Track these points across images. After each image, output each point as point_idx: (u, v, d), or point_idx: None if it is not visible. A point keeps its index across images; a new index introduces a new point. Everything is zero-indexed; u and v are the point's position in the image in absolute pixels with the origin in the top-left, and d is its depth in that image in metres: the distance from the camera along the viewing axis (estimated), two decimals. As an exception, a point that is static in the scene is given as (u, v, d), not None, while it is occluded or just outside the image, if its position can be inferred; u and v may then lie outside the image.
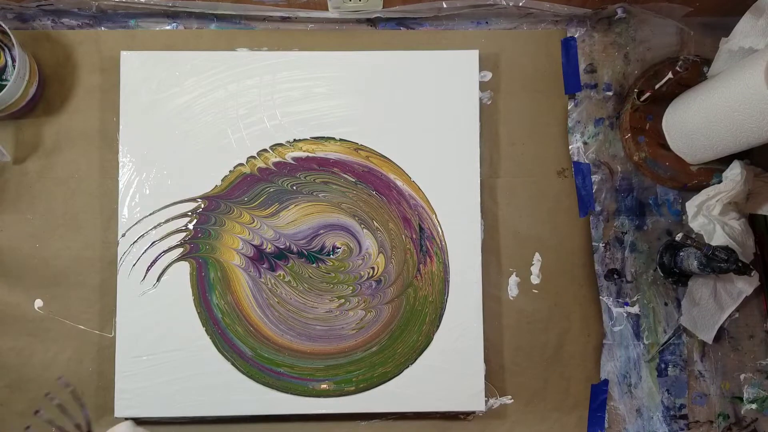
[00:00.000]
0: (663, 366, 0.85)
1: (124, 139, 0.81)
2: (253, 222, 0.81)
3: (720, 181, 0.82)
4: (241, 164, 0.82)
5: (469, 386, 0.80)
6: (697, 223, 0.83)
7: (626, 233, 0.86)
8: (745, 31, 0.74)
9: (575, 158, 0.87)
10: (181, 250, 0.80)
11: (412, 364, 0.81)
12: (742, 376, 0.86)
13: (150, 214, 0.80)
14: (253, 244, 0.81)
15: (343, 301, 0.81)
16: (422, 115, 0.83)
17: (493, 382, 0.83)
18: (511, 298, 0.84)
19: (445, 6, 0.83)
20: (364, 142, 0.82)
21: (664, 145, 0.85)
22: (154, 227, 0.80)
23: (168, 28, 0.86)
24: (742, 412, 0.86)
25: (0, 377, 0.80)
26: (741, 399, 0.86)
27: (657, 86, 0.80)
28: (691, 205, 0.84)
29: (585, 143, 0.87)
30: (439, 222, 0.82)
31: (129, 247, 0.80)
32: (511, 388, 0.84)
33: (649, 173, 0.86)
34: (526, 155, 0.85)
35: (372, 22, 0.87)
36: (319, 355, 0.81)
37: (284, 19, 0.86)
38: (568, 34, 0.87)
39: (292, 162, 0.82)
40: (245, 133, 0.82)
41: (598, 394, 0.84)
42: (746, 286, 0.83)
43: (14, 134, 0.83)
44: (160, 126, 0.81)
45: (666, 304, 0.86)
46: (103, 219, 0.82)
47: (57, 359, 0.80)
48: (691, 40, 0.88)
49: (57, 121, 0.83)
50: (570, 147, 0.86)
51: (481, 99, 0.85)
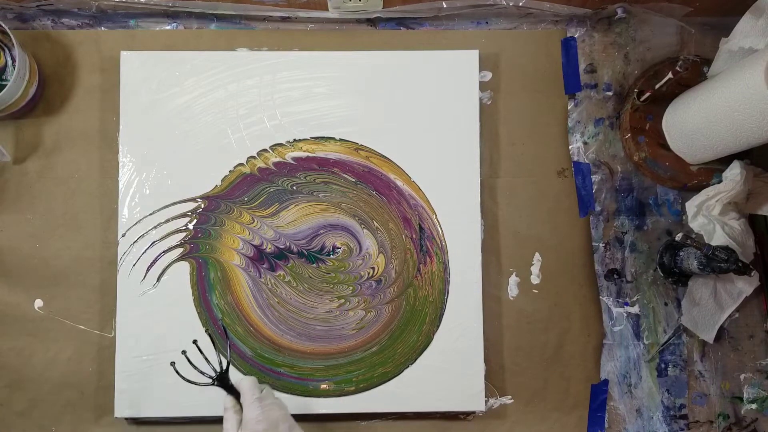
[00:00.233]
0: (663, 366, 0.85)
1: (124, 139, 0.81)
2: (253, 222, 0.81)
3: (720, 181, 0.82)
4: (241, 164, 0.82)
5: (469, 386, 0.80)
6: (697, 223, 0.83)
7: (626, 233, 0.86)
8: (745, 31, 0.74)
9: (575, 158, 0.87)
10: (181, 250, 0.80)
11: (412, 364, 0.81)
12: (742, 376, 0.86)
13: (150, 214, 0.80)
14: (253, 244, 0.81)
15: (343, 301, 0.81)
16: (422, 115, 0.83)
17: (493, 382, 0.83)
18: (511, 298, 0.84)
19: (445, 6, 0.83)
20: (364, 142, 0.82)
21: (664, 145, 0.85)
22: (154, 227, 0.80)
23: (168, 28, 0.86)
24: (742, 412, 0.86)
25: (0, 377, 0.80)
26: (741, 399, 0.86)
27: (657, 86, 0.80)
28: (691, 205, 0.84)
29: (585, 143, 0.87)
30: (439, 222, 0.82)
31: (129, 247, 0.80)
32: (511, 388, 0.84)
33: (649, 173, 0.86)
34: (526, 155, 0.85)
35: (372, 22, 0.87)
36: (319, 355, 0.81)
37: (284, 19, 0.86)
38: (568, 34, 0.87)
39: (292, 162, 0.82)
40: (245, 133, 0.82)
41: (598, 394, 0.84)
42: (746, 286, 0.83)
43: (14, 134, 0.83)
44: (160, 126, 0.81)
45: (666, 304, 0.86)
46: (103, 219, 0.82)
47: (57, 359, 0.80)
48: (691, 40, 0.88)
49: (57, 121, 0.83)
50: (570, 147, 0.86)
51: (481, 99, 0.85)
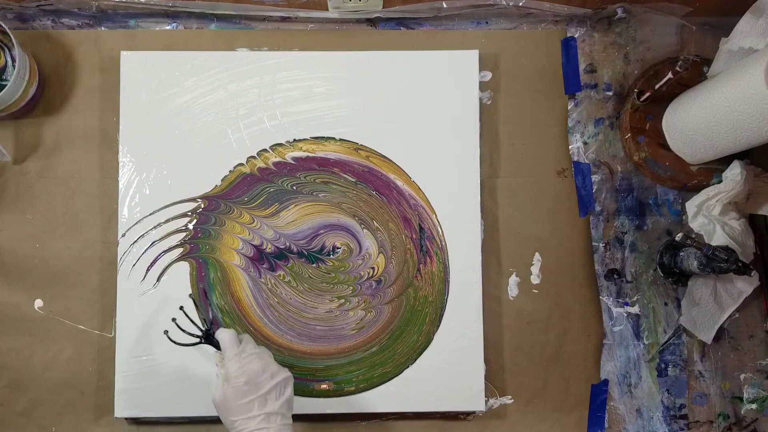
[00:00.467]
0: (663, 366, 0.85)
1: (124, 139, 0.81)
2: (253, 222, 0.81)
3: (720, 181, 0.82)
4: (241, 164, 0.82)
5: (469, 386, 0.80)
6: (697, 223, 0.83)
7: (626, 233, 0.86)
8: (745, 31, 0.74)
9: (575, 158, 0.87)
10: (181, 250, 0.80)
11: (412, 364, 0.81)
12: (742, 376, 0.86)
13: (150, 214, 0.80)
14: (253, 244, 0.81)
15: (343, 301, 0.81)
16: (422, 115, 0.83)
17: (493, 382, 0.83)
18: (511, 298, 0.84)
19: (445, 6, 0.83)
20: (364, 142, 0.82)
21: (664, 145, 0.85)
22: (154, 227, 0.80)
23: (168, 28, 0.86)
24: (742, 412, 0.86)
25: (0, 377, 0.80)
26: (741, 399, 0.86)
27: (657, 86, 0.80)
28: (691, 205, 0.84)
29: (585, 143, 0.87)
30: (439, 222, 0.82)
31: (129, 247, 0.80)
32: (511, 388, 0.84)
33: (649, 173, 0.86)
34: (526, 155, 0.85)
35: (372, 22, 0.87)
36: (319, 355, 0.81)
37: (284, 19, 0.86)
38: (568, 34, 0.87)
39: (292, 162, 0.82)
40: (245, 133, 0.82)
41: (598, 394, 0.84)
42: (746, 286, 0.83)
43: (14, 134, 0.83)
44: (160, 126, 0.81)
45: (666, 304, 0.86)
46: (103, 219, 0.82)
47: (57, 359, 0.80)
48: (691, 40, 0.88)
49: (57, 121, 0.83)
50: (570, 147, 0.86)
51: (481, 99, 0.85)
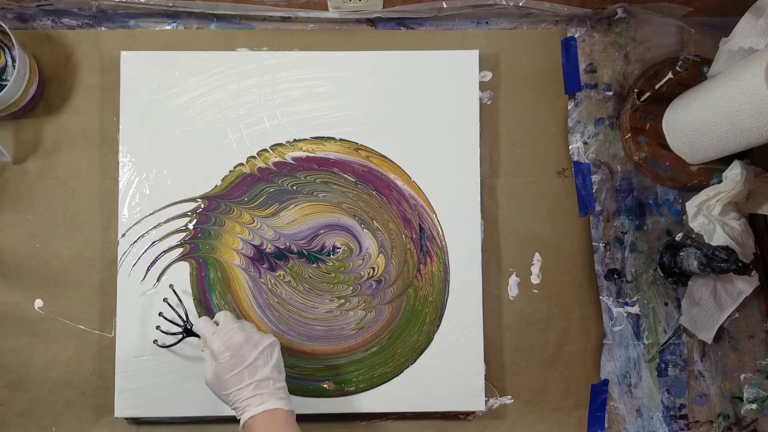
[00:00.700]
0: (663, 366, 0.85)
1: (124, 139, 0.81)
2: (253, 222, 0.81)
3: (720, 181, 0.82)
4: (241, 164, 0.82)
5: (469, 386, 0.80)
6: (697, 223, 0.83)
7: (626, 233, 0.86)
8: (745, 31, 0.74)
9: (575, 158, 0.87)
10: (181, 250, 0.80)
11: (412, 364, 0.81)
12: (742, 376, 0.86)
13: (150, 214, 0.80)
14: (253, 244, 0.81)
15: (343, 301, 0.81)
16: (422, 115, 0.83)
17: (493, 382, 0.83)
18: (511, 298, 0.84)
19: (445, 6, 0.83)
20: (364, 142, 0.82)
21: (664, 145, 0.85)
22: (154, 227, 0.80)
23: (168, 28, 0.85)
24: (742, 412, 0.86)
25: (0, 377, 0.80)
26: (741, 399, 0.86)
27: (657, 86, 0.80)
28: (691, 205, 0.84)
29: (585, 143, 0.87)
30: (439, 222, 0.82)
31: (129, 247, 0.80)
32: (511, 388, 0.84)
33: (649, 173, 0.86)
34: (526, 155, 0.85)
35: (372, 22, 0.87)
36: (319, 356, 0.81)
37: (284, 19, 0.86)
38: (568, 34, 0.87)
39: (292, 162, 0.82)
40: (245, 133, 0.82)
41: (598, 394, 0.84)
42: (746, 286, 0.83)
43: (14, 134, 0.83)
44: (160, 126, 0.81)
45: (666, 304, 0.86)
46: (103, 219, 0.82)
47: (57, 359, 0.80)
48: (691, 40, 0.88)
49: (57, 121, 0.83)
50: (570, 147, 0.86)
51: (481, 99, 0.85)
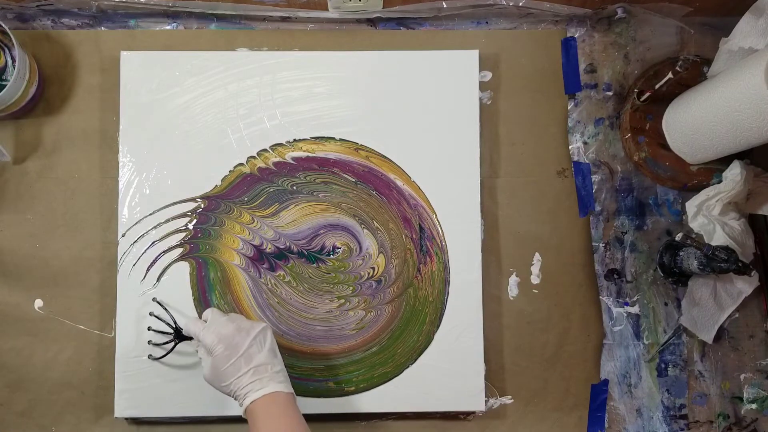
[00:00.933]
0: (663, 366, 0.85)
1: (124, 139, 0.81)
2: (253, 222, 0.81)
3: (720, 181, 0.82)
4: (241, 164, 0.82)
5: (469, 386, 0.80)
6: (697, 223, 0.83)
7: (626, 233, 0.86)
8: (745, 31, 0.74)
9: (575, 158, 0.87)
10: (181, 250, 0.80)
11: (412, 364, 0.81)
12: (742, 376, 0.86)
13: (150, 214, 0.80)
14: (253, 244, 0.81)
15: (343, 301, 0.81)
16: (422, 115, 0.83)
17: (493, 382, 0.83)
18: (511, 298, 0.84)
19: (445, 6, 0.83)
20: (364, 142, 0.82)
21: (664, 145, 0.85)
22: (154, 227, 0.80)
23: (168, 28, 0.85)
24: (742, 412, 0.86)
25: (0, 377, 0.80)
26: (741, 399, 0.86)
27: (657, 86, 0.80)
28: (691, 205, 0.84)
29: (585, 143, 0.87)
30: (439, 222, 0.82)
31: (129, 247, 0.80)
32: (511, 388, 0.84)
33: (649, 173, 0.86)
34: (526, 155, 0.85)
35: (372, 22, 0.87)
36: (319, 356, 0.81)
37: (284, 19, 0.86)
38: (568, 34, 0.87)
39: (292, 162, 0.82)
40: (245, 133, 0.82)
41: (598, 394, 0.84)
42: (746, 286, 0.83)
43: (14, 134, 0.83)
44: (160, 126, 0.81)
45: (666, 304, 0.86)
46: (103, 219, 0.82)
47: (57, 359, 0.80)
48: (691, 40, 0.88)
49: (57, 121, 0.83)
50: (570, 147, 0.86)
51: (481, 99, 0.85)
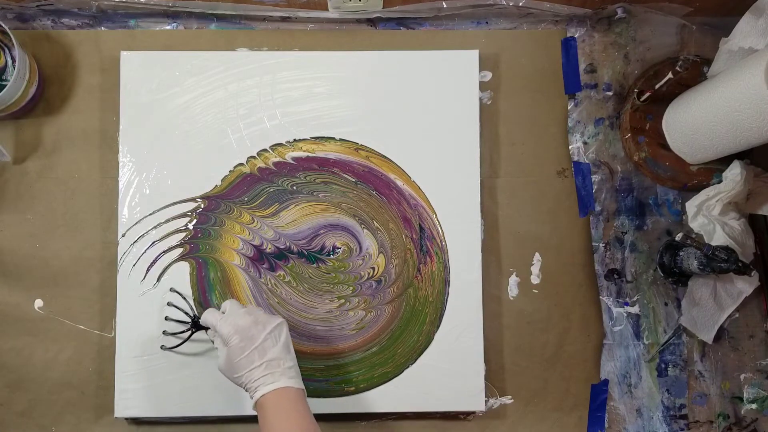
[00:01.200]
0: (663, 366, 0.85)
1: (124, 139, 0.81)
2: (253, 222, 0.81)
3: (720, 181, 0.82)
4: (241, 164, 0.81)
5: (469, 386, 0.80)
6: (697, 223, 0.83)
7: (626, 233, 0.86)
8: (745, 31, 0.74)
9: (575, 158, 0.87)
10: (181, 250, 0.80)
11: (412, 365, 0.81)
12: (742, 376, 0.86)
13: (150, 214, 0.80)
14: (253, 244, 0.81)
15: (343, 301, 0.81)
16: (422, 115, 0.83)
17: (493, 382, 0.83)
18: (511, 298, 0.84)
19: (445, 6, 0.83)
20: (364, 142, 0.82)
21: (664, 145, 0.85)
22: (154, 227, 0.80)
23: (168, 28, 0.85)
24: (742, 412, 0.86)
25: (0, 377, 0.80)
26: (741, 399, 0.86)
27: (657, 86, 0.80)
28: (691, 205, 0.84)
29: (585, 143, 0.87)
30: (439, 222, 0.82)
31: (129, 247, 0.80)
32: (511, 388, 0.84)
33: (649, 173, 0.86)
34: (526, 155, 0.85)
35: (372, 22, 0.87)
36: (319, 356, 0.81)
37: (284, 19, 0.86)
38: (568, 34, 0.87)
39: (292, 162, 0.82)
40: (245, 133, 0.82)
41: (598, 394, 0.84)
42: (746, 286, 0.83)
43: (14, 134, 0.83)
44: (160, 126, 0.81)
45: (666, 304, 0.86)
46: (103, 219, 0.82)
47: (57, 359, 0.80)
48: (691, 40, 0.88)
49: (57, 121, 0.83)
50: (570, 147, 0.86)
51: (481, 99, 0.85)
